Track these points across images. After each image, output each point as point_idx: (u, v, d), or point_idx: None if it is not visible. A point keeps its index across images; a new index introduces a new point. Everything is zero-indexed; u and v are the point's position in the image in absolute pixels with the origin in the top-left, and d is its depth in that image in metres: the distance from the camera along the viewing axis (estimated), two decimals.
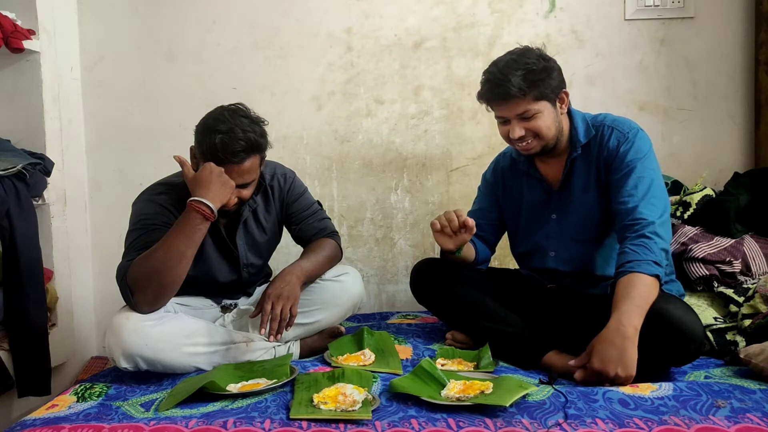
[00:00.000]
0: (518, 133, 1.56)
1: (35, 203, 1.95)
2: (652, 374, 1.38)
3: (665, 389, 1.30)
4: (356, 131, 2.37)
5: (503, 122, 1.59)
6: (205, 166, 1.49)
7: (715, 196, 2.05)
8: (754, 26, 2.28)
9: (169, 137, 2.33)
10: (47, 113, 2.08)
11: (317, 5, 2.34)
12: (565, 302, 1.66)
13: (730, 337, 1.62)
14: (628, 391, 1.29)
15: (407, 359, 1.61)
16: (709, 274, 1.83)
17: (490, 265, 1.89)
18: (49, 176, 2.00)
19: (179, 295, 1.52)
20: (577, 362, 1.38)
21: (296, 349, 1.68)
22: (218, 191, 1.47)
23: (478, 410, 1.21)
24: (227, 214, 1.61)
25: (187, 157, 1.58)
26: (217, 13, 2.34)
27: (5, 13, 1.90)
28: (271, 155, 1.67)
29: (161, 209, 1.57)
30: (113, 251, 1.73)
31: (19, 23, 1.95)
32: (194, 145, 1.57)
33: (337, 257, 1.77)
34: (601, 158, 1.60)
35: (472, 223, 1.55)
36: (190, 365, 1.49)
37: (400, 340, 1.77)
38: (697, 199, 2.03)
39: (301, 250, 1.78)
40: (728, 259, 1.84)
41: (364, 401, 1.24)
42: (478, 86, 1.61)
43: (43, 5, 2.06)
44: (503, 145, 1.78)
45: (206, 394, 1.31)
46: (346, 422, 1.17)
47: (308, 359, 1.64)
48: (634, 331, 1.32)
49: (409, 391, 1.29)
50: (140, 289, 1.43)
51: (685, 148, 2.34)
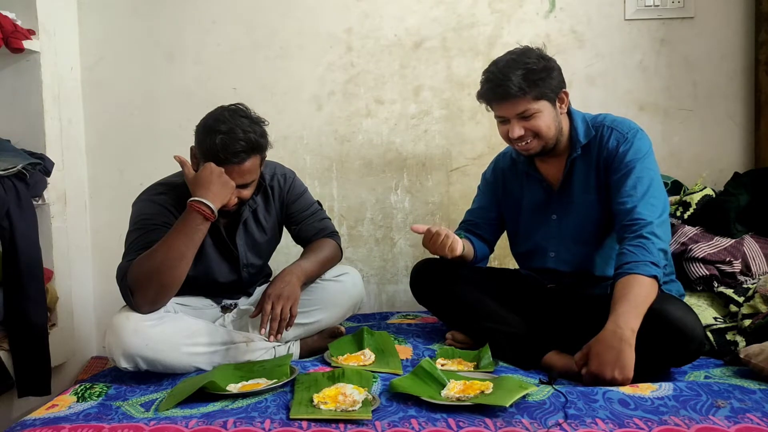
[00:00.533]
0: (518, 132, 1.56)
1: (35, 203, 1.95)
2: (652, 374, 1.38)
3: (665, 389, 1.30)
4: (356, 131, 2.37)
5: (503, 122, 1.60)
6: (205, 166, 1.49)
7: (715, 196, 2.05)
8: (754, 26, 2.28)
9: (169, 137, 2.33)
10: (47, 113, 2.08)
11: (317, 5, 2.34)
12: (565, 302, 1.66)
13: (730, 337, 1.62)
14: (628, 391, 1.29)
15: (407, 359, 1.61)
16: (709, 274, 1.83)
17: (490, 265, 1.89)
18: (49, 176, 2.00)
19: (179, 295, 1.53)
20: (577, 362, 1.38)
21: (296, 349, 1.68)
22: (218, 191, 1.47)
23: (478, 410, 1.21)
24: (227, 214, 1.61)
25: (187, 157, 1.58)
26: (216, 13, 2.34)
27: (5, 13, 1.90)
28: (271, 155, 1.67)
29: (161, 209, 1.57)
30: (113, 251, 1.73)
31: (19, 23, 1.95)
32: (194, 145, 1.57)
33: (337, 257, 1.77)
34: (600, 158, 1.60)
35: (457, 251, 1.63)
36: (190, 365, 1.49)
37: (400, 340, 1.77)
38: (697, 199, 2.03)
39: (301, 250, 1.78)
40: (728, 259, 1.84)
41: (364, 401, 1.24)
42: (478, 86, 1.61)
43: (43, 5, 2.06)
44: (503, 145, 1.78)
45: (206, 394, 1.31)
46: (346, 422, 1.17)
47: (308, 359, 1.64)
48: (631, 333, 1.31)
49: (409, 391, 1.29)
50: (140, 289, 1.43)
51: (685, 148, 2.34)
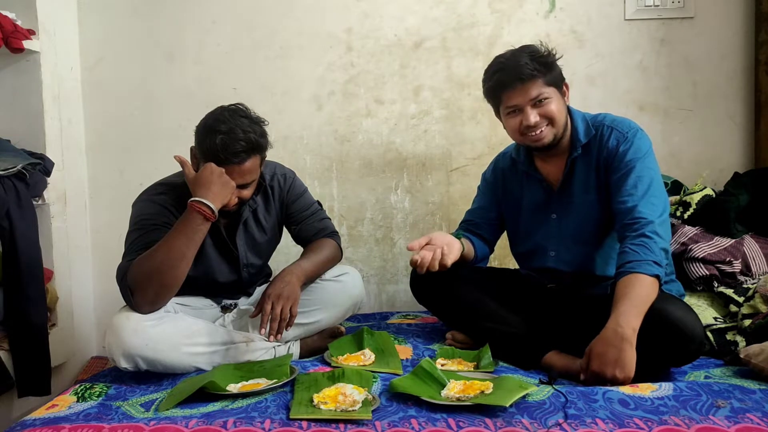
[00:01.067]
0: (533, 119, 1.53)
1: (35, 203, 1.95)
2: (652, 374, 1.38)
3: (665, 389, 1.30)
4: (356, 131, 2.37)
5: (514, 112, 1.56)
6: (205, 166, 1.49)
7: (715, 196, 2.05)
8: (754, 26, 2.28)
9: (169, 137, 2.33)
10: (47, 113, 2.08)
11: (317, 5, 2.34)
12: (565, 302, 1.66)
13: (730, 337, 1.62)
14: (628, 391, 1.29)
15: (407, 359, 1.61)
16: (709, 274, 1.83)
17: (490, 265, 1.89)
18: (49, 176, 2.00)
19: (179, 295, 1.52)
20: (580, 368, 1.37)
21: (296, 349, 1.68)
22: (219, 192, 1.47)
23: (478, 410, 1.21)
24: (227, 214, 1.61)
25: (187, 157, 1.58)
26: (216, 13, 2.34)
27: (5, 13, 1.90)
28: (271, 155, 1.67)
29: (161, 209, 1.57)
30: (113, 251, 1.73)
31: (19, 23, 1.95)
32: (194, 145, 1.57)
33: (337, 257, 1.77)
34: (600, 158, 1.60)
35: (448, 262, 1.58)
36: (190, 365, 1.50)
37: (400, 340, 1.77)
38: (697, 199, 2.03)
39: (301, 250, 1.78)
40: (728, 259, 1.84)
41: (364, 401, 1.24)
42: (478, 86, 1.60)
43: (43, 5, 2.06)
44: (503, 144, 1.79)
45: (206, 394, 1.31)
46: (346, 422, 1.17)
47: (308, 359, 1.64)
48: (632, 332, 1.31)
49: (409, 391, 1.29)
50: (140, 289, 1.43)
51: (685, 148, 2.34)
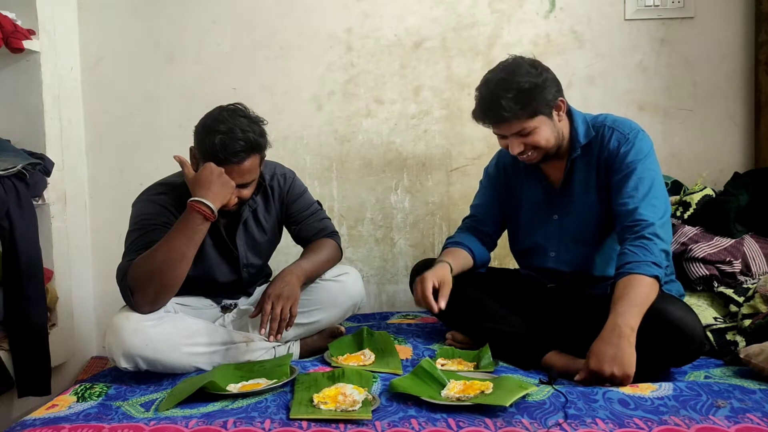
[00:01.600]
0: (517, 149, 1.57)
1: (35, 203, 1.95)
2: (652, 374, 1.38)
3: (665, 389, 1.30)
4: (356, 131, 2.37)
5: (502, 137, 1.61)
6: (205, 166, 1.49)
7: (715, 196, 2.05)
8: (754, 26, 2.28)
9: (169, 137, 2.33)
10: (47, 113, 2.08)
11: (317, 5, 2.34)
12: (565, 302, 1.66)
13: (730, 337, 1.62)
14: (628, 391, 1.29)
15: (407, 359, 1.61)
16: (709, 274, 1.83)
17: (490, 264, 1.89)
18: (49, 176, 2.00)
19: (179, 295, 1.52)
20: (580, 375, 1.37)
21: (296, 349, 1.68)
22: (219, 191, 1.47)
23: (478, 410, 1.21)
24: (227, 214, 1.61)
25: (187, 157, 1.58)
26: (216, 13, 2.34)
27: (5, 13, 1.90)
28: (271, 155, 1.67)
29: (161, 209, 1.57)
30: (113, 251, 1.73)
31: (19, 23, 1.95)
32: (194, 145, 1.57)
33: (337, 257, 1.77)
34: (601, 159, 1.60)
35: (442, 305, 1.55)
36: (190, 365, 1.50)
37: (400, 340, 1.77)
38: (697, 199, 2.03)
39: (301, 250, 1.78)
40: (728, 259, 1.84)
41: (364, 401, 1.24)
42: (478, 86, 1.61)
43: (43, 5, 2.06)
44: None
45: (206, 394, 1.31)
46: (346, 422, 1.18)
47: (308, 359, 1.64)
48: (630, 331, 1.32)
49: (409, 391, 1.29)
50: (140, 289, 1.43)
51: (685, 148, 2.33)
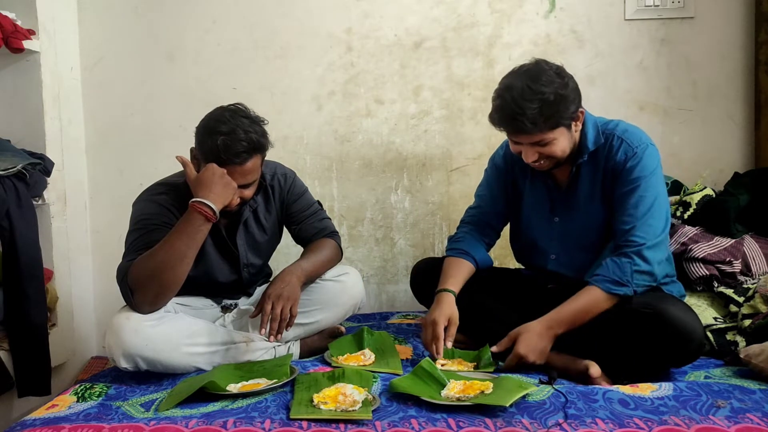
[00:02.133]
0: (531, 158, 1.53)
1: (35, 203, 1.95)
2: (652, 375, 1.39)
3: (665, 389, 1.30)
4: (356, 131, 2.37)
5: (515, 143, 1.55)
6: (207, 167, 1.49)
7: (715, 196, 2.05)
8: (754, 26, 2.28)
9: (169, 137, 2.33)
10: (47, 113, 2.08)
11: (317, 5, 2.34)
12: None
13: (730, 337, 1.62)
14: (628, 391, 1.30)
15: (407, 359, 1.61)
16: (709, 274, 1.83)
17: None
18: (49, 176, 2.00)
19: (179, 295, 1.52)
20: (499, 347, 1.51)
21: (296, 349, 1.68)
22: (220, 192, 1.47)
23: (478, 410, 1.21)
24: (228, 214, 1.61)
25: (188, 157, 1.58)
26: (217, 13, 2.34)
27: (5, 13, 1.90)
28: (271, 155, 1.67)
29: (162, 209, 1.57)
30: (113, 251, 1.73)
31: (19, 23, 1.95)
32: (195, 146, 1.57)
33: (337, 257, 1.77)
34: (608, 168, 1.57)
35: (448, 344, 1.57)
36: (190, 365, 1.50)
37: (400, 340, 1.77)
38: (697, 199, 2.03)
39: (301, 250, 1.78)
40: (728, 259, 1.84)
41: (364, 401, 1.24)
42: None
43: (43, 5, 2.06)
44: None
45: (206, 394, 1.31)
46: (346, 422, 1.18)
47: (308, 359, 1.64)
48: (554, 334, 1.47)
49: (409, 391, 1.29)
50: (141, 289, 1.43)
51: (685, 148, 2.33)
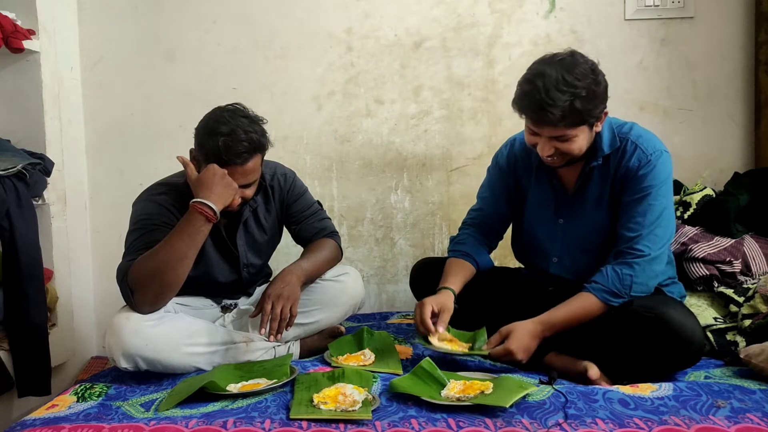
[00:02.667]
0: (547, 152, 1.47)
1: (35, 203, 1.95)
2: (651, 376, 1.39)
3: (665, 389, 1.30)
4: (356, 131, 2.37)
5: (533, 133, 1.49)
6: (208, 167, 1.49)
7: (715, 196, 2.05)
8: (754, 26, 2.28)
9: (169, 137, 2.33)
10: (47, 113, 2.08)
11: (317, 5, 2.34)
12: None
13: (730, 337, 1.62)
14: (628, 391, 1.30)
15: (407, 359, 1.61)
16: (709, 274, 1.83)
17: None
18: (49, 176, 2.00)
19: (179, 295, 1.52)
20: (489, 345, 1.48)
21: (296, 349, 1.68)
22: (221, 193, 1.47)
23: (478, 410, 1.21)
24: (228, 214, 1.61)
25: (188, 157, 1.58)
26: (217, 13, 2.34)
27: (5, 13, 1.90)
28: (271, 155, 1.67)
29: (162, 209, 1.57)
30: (113, 251, 1.73)
31: (19, 23, 1.95)
32: (195, 147, 1.56)
33: (337, 257, 1.77)
34: (618, 173, 1.54)
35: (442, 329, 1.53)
36: (190, 365, 1.50)
37: (400, 340, 1.77)
38: (697, 199, 2.03)
39: (301, 250, 1.78)
40: (728, 259, 1.84)
41: (364, 401, 1.24)
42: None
43: (43, 5, 2.06)
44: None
45: (206, 394, 1.31)
46: (346, 422, 1.18)
47: (308, 359, 1.64)
48: (544, 336, 1.47)
49: (409, 391, 1.29)
50: (141, 289, 1.43)
51: (685, 148, 2.33)
